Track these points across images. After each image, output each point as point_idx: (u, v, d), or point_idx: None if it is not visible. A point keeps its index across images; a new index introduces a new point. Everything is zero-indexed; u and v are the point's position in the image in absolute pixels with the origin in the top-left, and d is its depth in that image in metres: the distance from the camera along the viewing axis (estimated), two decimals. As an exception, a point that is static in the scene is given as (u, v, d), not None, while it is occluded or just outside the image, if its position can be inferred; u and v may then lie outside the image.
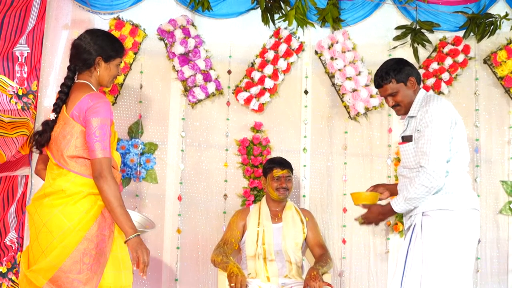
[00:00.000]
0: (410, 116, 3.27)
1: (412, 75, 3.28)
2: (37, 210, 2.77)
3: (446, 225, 3.09)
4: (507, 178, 4.47)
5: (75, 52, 2.93)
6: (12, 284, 4.33)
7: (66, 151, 2.76)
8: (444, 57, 4.45)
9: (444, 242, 3.08)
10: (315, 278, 3.58)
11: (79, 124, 2.76)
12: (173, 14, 4.48)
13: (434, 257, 3.07)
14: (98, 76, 2.92)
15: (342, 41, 4.48)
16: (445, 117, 3.13)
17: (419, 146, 3.14)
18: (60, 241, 2.67)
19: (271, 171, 4.01)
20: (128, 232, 2.71)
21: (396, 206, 3.16)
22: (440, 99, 3.19)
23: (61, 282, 2.67)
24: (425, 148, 3.09)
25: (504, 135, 4.51)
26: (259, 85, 4.43)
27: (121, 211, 2.71)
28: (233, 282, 3.52)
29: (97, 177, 2.70)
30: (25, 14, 4.21)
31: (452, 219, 3.09)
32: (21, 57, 4.27)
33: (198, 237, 4.42)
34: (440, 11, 4.52)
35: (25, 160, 4.33)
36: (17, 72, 4.24)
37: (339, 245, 4.43)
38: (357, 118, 4.48)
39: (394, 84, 3.26)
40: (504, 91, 4.50)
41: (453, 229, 3.08)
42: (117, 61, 2.97)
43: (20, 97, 4.22)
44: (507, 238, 4.43)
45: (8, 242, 4.28)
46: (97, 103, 2.75)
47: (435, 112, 3.12)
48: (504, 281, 4.40)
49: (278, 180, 3.98)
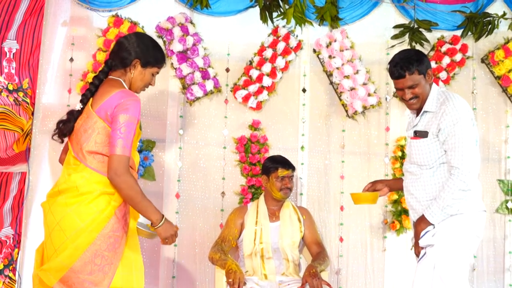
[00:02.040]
0: (426, 111, 3.16)
1: (430, 67, 3.18)
2: (50, 208, 2.75)
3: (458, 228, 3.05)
4: (504, 177, 4.50)
5: (116, 48, 2.93)
6: (9, 281, 4.33)
7: (85, 146, 2.75)
8: (442, 56, 4.47)
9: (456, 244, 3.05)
10: (314, 276, 3.58)
11: (102, 120, 2.74)
12: (172, 12, 4.49)
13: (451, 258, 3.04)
14: (132, 78, 2.91)
15: (340, 40, 4.49)
16: (470, 115, 3.08)
17: (449, 145, 3.03)
18: (73, 241, 2.66)
19: (275, 171, 3.98)
20: (156, 221, 2.75)
21: (433, 218, 3.06)
22: (456, 95, 3.14)
23: (71, 282, 2.66)
24: (458, 147, 3.00)
25: (501, 134, 4.52)
26: (257, 83, 4.44)
27: (145, 203, 2.74)
28: (231, 279, 3.52)
29: (112, 176, 2.68)
30: (12, 9, 4.22)
31: (464, 221, 3.06)
32: (9, 53, 4.28)
33: (196, 234, 4.44)
34: (438, 10, 4.55)
35: (22, 157, 4.35)
36: (5, 67, 4.26)
37: (336, 243, 4.45)
38: (355, 116, 4.50)
39: (416, 75, 3.11)
40: (501, 90, 4.52)
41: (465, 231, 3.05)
42: (154, 69, 2.96)
43: (10, 92, 4.23)
44: (504, 237, 4.45)
45: (3, 237, 4.28)
46: (128, 100, 2.73)
47: (463, 110, 3.05)
48: (500, 279, 4.42)
49: (283, 180, 3.97)
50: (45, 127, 4.39)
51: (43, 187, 4.36)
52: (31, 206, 4.35)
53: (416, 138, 3.15)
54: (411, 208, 3.23)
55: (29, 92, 4.35)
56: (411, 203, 3.22)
